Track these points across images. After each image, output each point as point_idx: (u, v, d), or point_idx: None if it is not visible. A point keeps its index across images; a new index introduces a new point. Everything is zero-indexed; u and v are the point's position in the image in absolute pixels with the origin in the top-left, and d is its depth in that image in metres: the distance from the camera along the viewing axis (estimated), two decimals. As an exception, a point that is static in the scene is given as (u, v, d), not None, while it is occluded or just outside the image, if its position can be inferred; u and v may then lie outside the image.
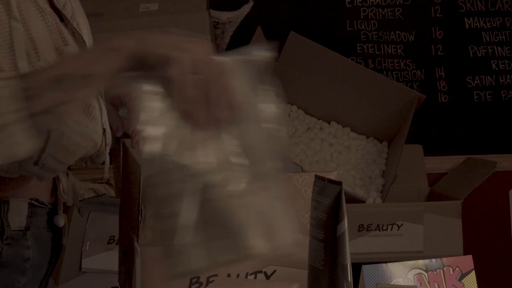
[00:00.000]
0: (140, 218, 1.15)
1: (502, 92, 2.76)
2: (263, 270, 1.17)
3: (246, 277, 1.16)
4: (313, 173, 1.19)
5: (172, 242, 0.85)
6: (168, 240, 0.86)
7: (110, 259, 1.86)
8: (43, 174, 1.22)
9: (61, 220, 1.33)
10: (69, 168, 1.35)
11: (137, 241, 1.14)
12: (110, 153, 1.43)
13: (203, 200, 0.85)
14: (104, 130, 1.30)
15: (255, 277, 1.16)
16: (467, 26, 2.75)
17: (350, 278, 0.95)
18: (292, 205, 1.17)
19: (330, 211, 0.95)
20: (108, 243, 1.87)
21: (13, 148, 1.00)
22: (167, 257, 0.86)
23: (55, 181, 1.32)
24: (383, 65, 2.75)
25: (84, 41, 1.27)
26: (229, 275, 1.15)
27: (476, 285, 1.14)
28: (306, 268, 1.10)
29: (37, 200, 1.27)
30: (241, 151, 0.86)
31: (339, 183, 0.95)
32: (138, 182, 1.12)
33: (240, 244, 0.85)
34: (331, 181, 0.96)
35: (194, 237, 0.85)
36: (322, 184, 0.98)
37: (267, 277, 1.17)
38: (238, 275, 1.15)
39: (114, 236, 1.88)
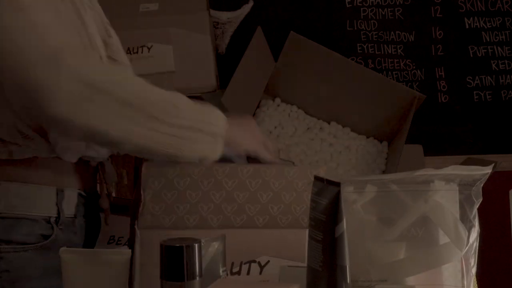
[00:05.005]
0: (140, 202, 1.17)
1: (502, 92, 2.76)
2: (257, 260, 1.18)
3: (241, 266, 1.17)
4: (303, 166, 1.22)
5: None
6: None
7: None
8: (89, 153, 1.34)
9: (105, 203, 1.45)
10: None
11: (137, 225, 1.16)
12: (111, 156, 1.48)
13: None
14: None
15: (249, 266, 1.18)
16: (467, 26, 2.75)
17: (349, 279, 0.95)
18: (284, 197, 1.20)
19: (328, 212, 0.95)
20: (108, 243, 1.87)
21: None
22: None
23: (99, 170, 1.44)
24: (383, 65, 2.75)
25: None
26: (232, 264, 1.16)
27: (476, 285, 1.14)
28: (299, 260, 1.12)
29: (84, 191, 1.38)
30: None
31: (337, 184, 0.95)
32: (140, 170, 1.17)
33: None
34: (329, 182, 0.96)
35: None
36: (321, 185, 0.98)
37: (261, 267, 1.18)
38: (232, 264, 1.15)
39: (114, 236, 1.88)
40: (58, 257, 1.27)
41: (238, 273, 1.18)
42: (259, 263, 1.19)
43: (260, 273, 1.19)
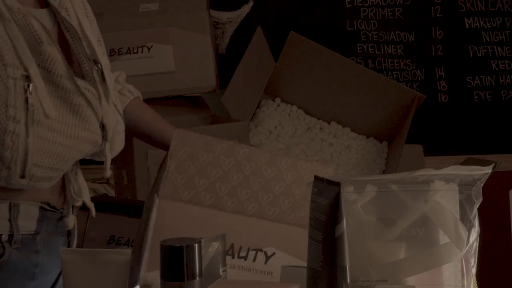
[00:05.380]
0: (165, 170, 1.18)
1: (502, 92, 2.76)
2: (264, 249, 1.19)
3: (248, 252, 1.18)
4: (298, 159, 1.23)
5: None
6: None
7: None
8: (35, 185, 1.19)
9: (70, 222, 1.32)
10: (78, 167, 1.32)
11: (157, 193, 1.16)
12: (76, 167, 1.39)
13: None
14: (103, 125, 1.26)
15: (256, 254, 1.19)
16: (467, 26, 2.75)
17: (349, 279, 0.95)
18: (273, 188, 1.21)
19: (328, 212, 0.95)
20: (108, 243, 1.87)
21: None
22: None
23: (65, 184, 1.30)
24: (383, 65, 2.74)
25: (74, 29, 1.23)
26: (240, 248, 1.17)
27: (476, 285, 1.14)
28: (304, 258, 1.12)
29: (48, 204, 1.26)
30: None
31: (337, 184, 0.95)
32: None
33: None
34: (329, 182, 0.96)
35: None
36: (321, 185, 0.97)
37: (267, 257, 1.19)
38: (240, 248, 1.16)
39: (114, 236, 1.88)
40: (14, 279, 1.20)
41: (245, 258, 1.19)
42: (265, 252, 1.20)
43: (265, 262, 1.20)
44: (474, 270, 1.09)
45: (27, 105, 1.14)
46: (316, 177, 0.99)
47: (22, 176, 1.16)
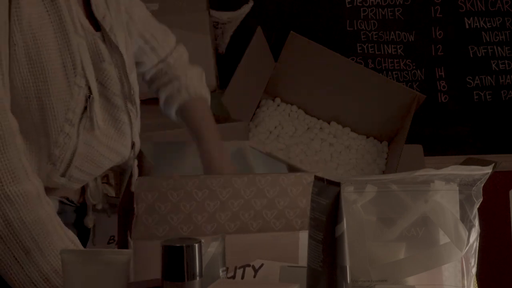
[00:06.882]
0: (133, 215, 1.17)
1: (502, 92, 2.76)
2: (251, 264, 1.19)
3: (235, 271, 1.18)
4: (298, 174, 1.23)
5: None
6: None
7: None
8: (70, 185, 1.31)
9: (90, 222, 1.43)
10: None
11: (130, 236, 1.16)
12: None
13: None
14: (133, 143, 1.40)
15: (244, 271, 1.18)
16: (467, 26, 2.75)
17: (349, 279, 0.95)
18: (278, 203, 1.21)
19: (329, 212, 0.95)
20: (108, 243, 1.87)
21: None
22: None
23: (84, 186, 1.39)
24: (383, 65, 2.75)
25: (121, 54, 1.35)
26: (227, 269, 1.16)
27: (476, 285, 1.14)
28: (292, 262, 1.12)
29: (67, 199, 1.36)
30: None
31: (337, 184, 0.95)
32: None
33: None
34: (329, 182, 0.96)
35: None
36: (321, 185, 0.97)
37: (255, 270, 1.19)
38: (227, 269, 1.16)
39: (114, 236, 1.87)
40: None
41: (233, 277, 1.19)
42: (253, 266, 1.19)
43: (254, 276, 1.19)
44: (474, 270, 1.09)
45: (83, 113, 1.27)
46: (316, 177, 0.99)
47: (63, 175, 1.28)
